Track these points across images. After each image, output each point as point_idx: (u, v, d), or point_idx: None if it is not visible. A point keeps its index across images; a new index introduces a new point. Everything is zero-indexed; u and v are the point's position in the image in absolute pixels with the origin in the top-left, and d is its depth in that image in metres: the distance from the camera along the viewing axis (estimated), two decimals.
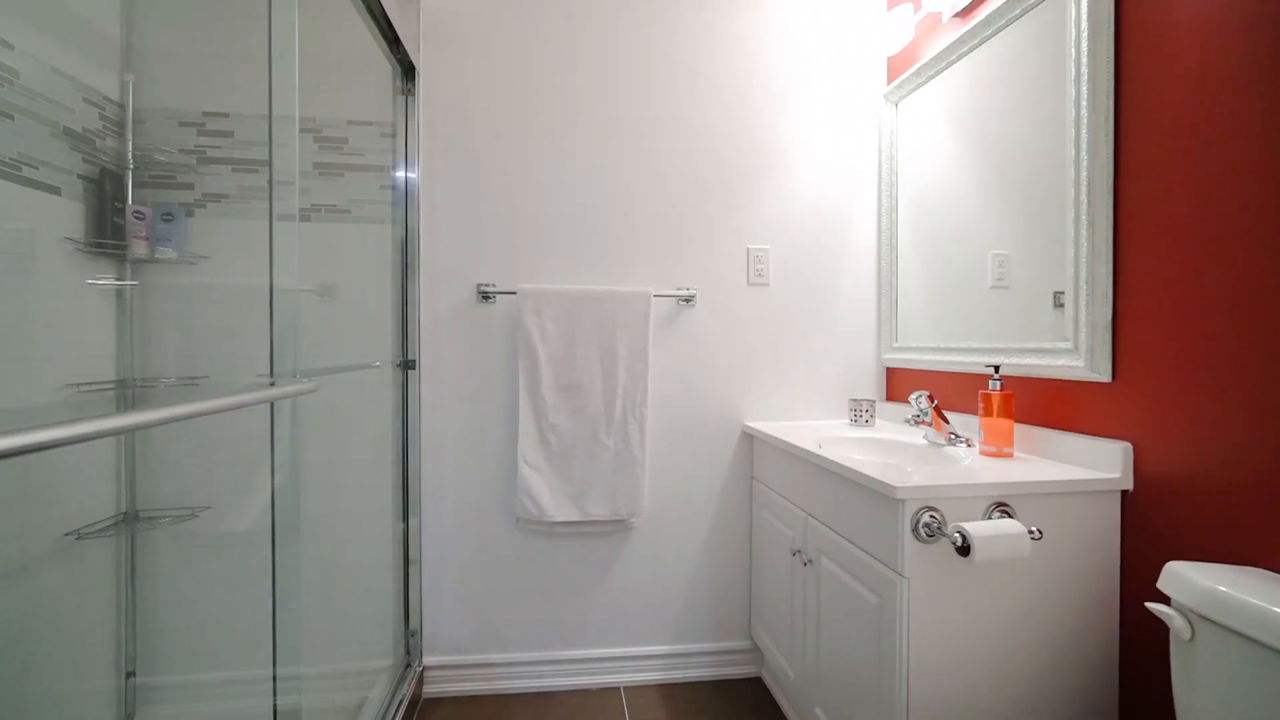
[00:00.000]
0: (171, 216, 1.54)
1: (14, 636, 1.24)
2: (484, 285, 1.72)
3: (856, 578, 1.20)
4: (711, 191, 1.82)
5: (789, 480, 1.54)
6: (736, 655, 1.82)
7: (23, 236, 1.27)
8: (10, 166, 1.23)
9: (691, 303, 1.81)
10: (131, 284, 1.53)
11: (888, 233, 1.83)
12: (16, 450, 0.46)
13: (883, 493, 1.08)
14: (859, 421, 1.73)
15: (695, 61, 1.81)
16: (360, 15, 1.42)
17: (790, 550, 1.49)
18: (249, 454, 1.60)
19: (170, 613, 1.58)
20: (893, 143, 1.81)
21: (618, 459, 1.68)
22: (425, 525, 1.73)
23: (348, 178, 1.69)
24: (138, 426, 0.60)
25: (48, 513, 1.33)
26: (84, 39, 1.43)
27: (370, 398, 1.65)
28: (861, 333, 1.90)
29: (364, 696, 1.47)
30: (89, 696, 1.45)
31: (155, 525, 1.55)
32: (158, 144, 1.57)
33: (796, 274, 1.86)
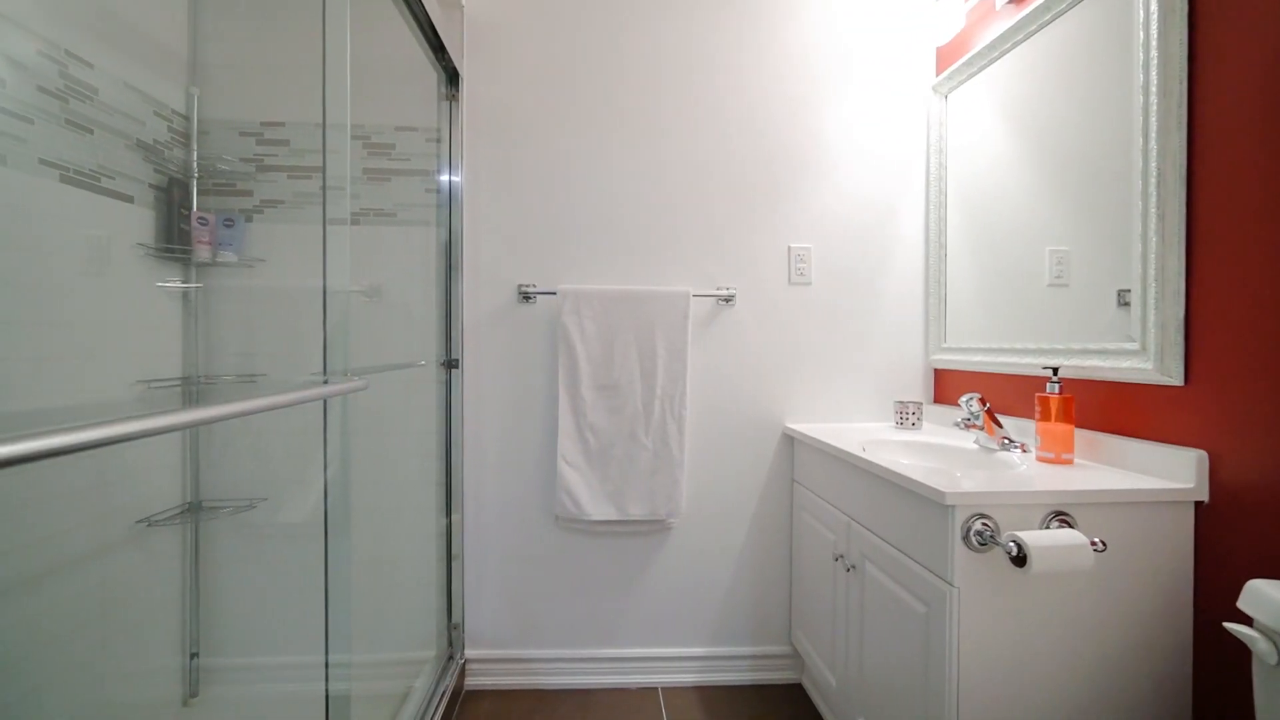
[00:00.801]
0: (232, 222, 1.62)
1: (94, 615, 1.33)
2: (524, 286, 1.74)
3: (903, 585, 1.16)
4: (752, 190, 1.80)
5: (831, 483, 1.50)
6: (776, 660, 1.79)
7: (100, 243, 1.36)
8: (90, 177, 1.32)
9: (731, 302, 1.79)
10: (196, 286, 1.61)
11: (936, 229, 1.77)
12: (98, 443, 0.49)
13: (931, 498, 1.04)
14: (905, 424, 1.68)
15: (738, 58, 1.79)
16: (407, 24, 1.46)
17: (832, 555, 1.46)
18: (302, 449, 1.67)
19: (230, 598, 1.66)
20: (941, 136, 1.75)
21: (656, 459, 1.68)
22: (467, 521, 1.76)
23: (395, 182, 1.74)
24: (204, 421, 0.64)
25: (122, 501, 1.42)
26: (154, 56, 1.52)
27: (415, 396, 1.69)
28: (907, 333, 1.84)
29: (409, 686, 1.51)
30: (158, 674, 1.54)
31: (217, 515, 1.64)
32: (220, 153, 1.65)
33: (839, 273, 1.82)
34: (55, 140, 1.24)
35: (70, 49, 1.27)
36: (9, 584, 1.13)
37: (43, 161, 1.21)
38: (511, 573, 1.77)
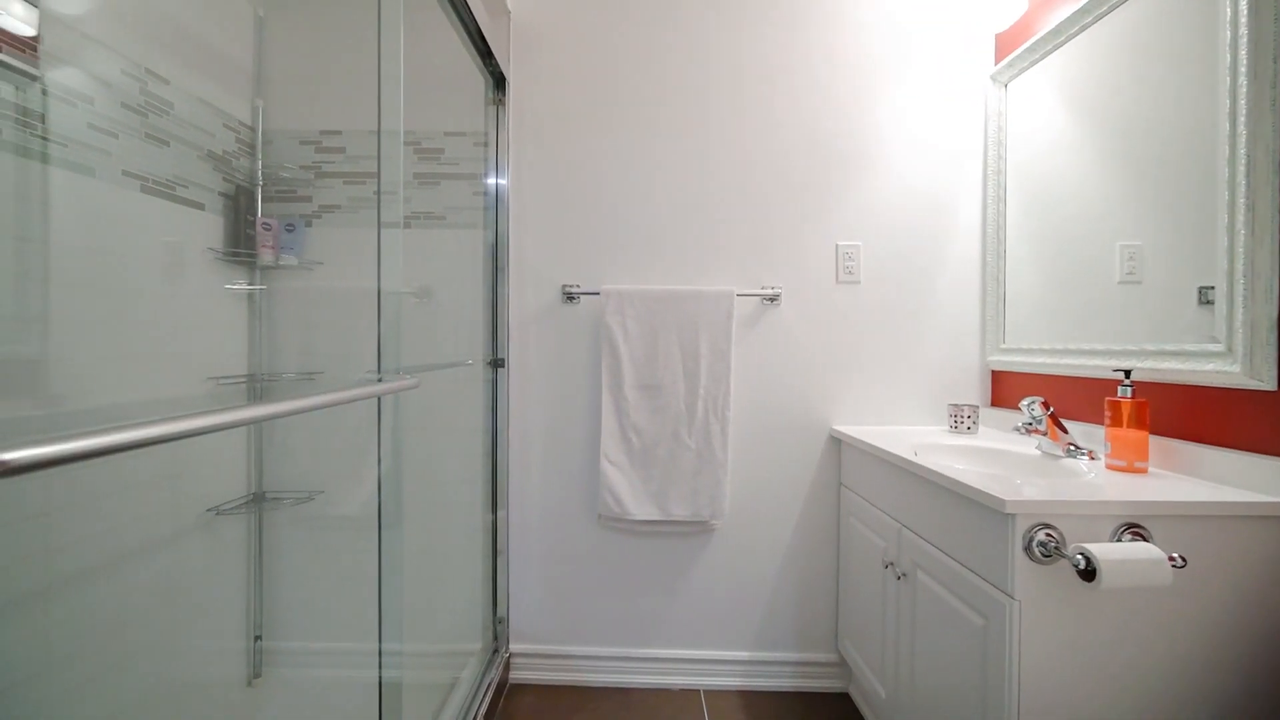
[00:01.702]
0: (293, 227, 1.70)
1: (168, 596, 1.42)
2: (569, 286, 1.76)
3: (958, 596, 1.11)
4: (799, 187, 1.76)
5: (881, 488, 1.46)
6: (822, 668, 1.75)
7: (175, 248, 1.45)
8: (166, 187, 1.41)
9: (776, 302, 1.76)
10: (260, 288, 1.70)
11: (994, 225, 1.69)
12: (174, 436, 0.52)
13: (989, 506, 0.99)
14: (959, 428, 1.61)
15: (787, 53, 1.76)
16: (457, 33, 1.49)
17: (882, 562, 1.42)
18: (357, 444, 1.73)
19: (290, 585, 1.74)
20: (1000, 127, 1.67)
21: (699, 459, 1.67)
22: (512, 517, 1.80)
23: (444, 186, 1.79)
24: (270, 417, 0.67)
25: (193, 490, 1.51)
26: (224, 71, 1.60)
27: (463, 394, 1.73)
28: (963, 333, 1.76)
29: (456, 676, 1.55)
30: (225, 655, 1.63)
31: (278, 506, 1.72)
32: (282, 161, 1.73)
33: (890, 271, 1.76)
34: (136, 153, 1.33)
35: (150, 67, 1.36)
36: (92, 567, 1.22)
37: (125, 173, 1.30)
38: (554, 569, 1.80)
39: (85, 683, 1.19)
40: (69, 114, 1.18)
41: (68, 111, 1.17)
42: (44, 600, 1.12)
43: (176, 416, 0.53)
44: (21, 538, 1.08)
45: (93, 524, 1.22)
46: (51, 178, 1.14)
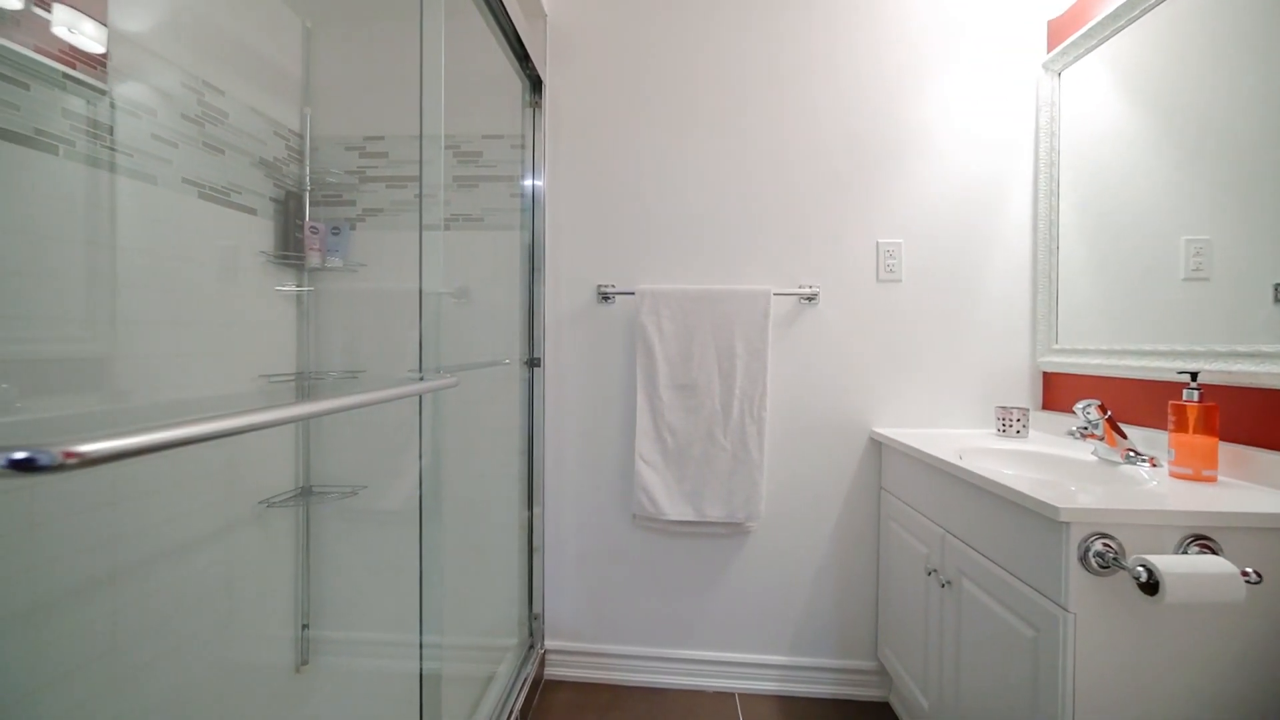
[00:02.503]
0: (339, 230, 1.76)
1: (223, 585, 1.48)
2: (603, 286, 1.76)
3: (1007, 606, 1.07)
4: (838, 184, 1.73)
5: (924, 493, 1.41)
6: (862, 676, 1.71)
7: (229, 252, 1.52)
8: (221, 193, 1.48)
9: (815, 301, 1.73)
10: (308, 290, 1.76)
11: (1046, 220, 1.62)
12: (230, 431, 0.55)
13: (1041, 513, 0.95)
14: (1008, 432, 1.55)
15: (827, 47, 1.72)
16: (495, 37, 1.51)
17: (925, 569, 1.37)
18: (398, 440, 1.78)
19: (335, 576, 1.80)
20: (1053, 118, 1.60)
21: (735, 460, 1.65)
22: (548, 515, 1.82)
23: (482, 188, 1.82)
24: (320, 413, 0.69)
25: (246, 483, 1.58)
26: (274, 80, 1.67)
27: (500, 393, 1.76)
28: (1012, 333, 1.70)
29: (493, 670, 1.58)
30: (275, 642, 1.69)
31: (324, 500, 1.78)
32: (328, 167, 1.79)
33: (933, 269, 1.71)
34: (194, 161, 1.39)
35: (207, 79, 1.43)
36: (155, 555, 1.29)
37: (185, 180, 1.37)
38: (589, 568, 1.81)
39: (150, 663, 1.26)
40: (134, 125, 1.24)
41: (133, 123, 1.24)
42: (111, 585, 1.18)
43: (234, 413, 0.55)
44: (92, 525, 1.15)
45: (155, 513, 1.29)
46: (118, 186, 1.21)
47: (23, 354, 1.02)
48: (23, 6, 1.01)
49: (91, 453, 0.38)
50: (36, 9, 1.04)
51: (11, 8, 0.99)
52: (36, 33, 1.04)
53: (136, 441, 0.41)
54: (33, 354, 1.04)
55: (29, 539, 1.03)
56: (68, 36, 1.09)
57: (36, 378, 1.04)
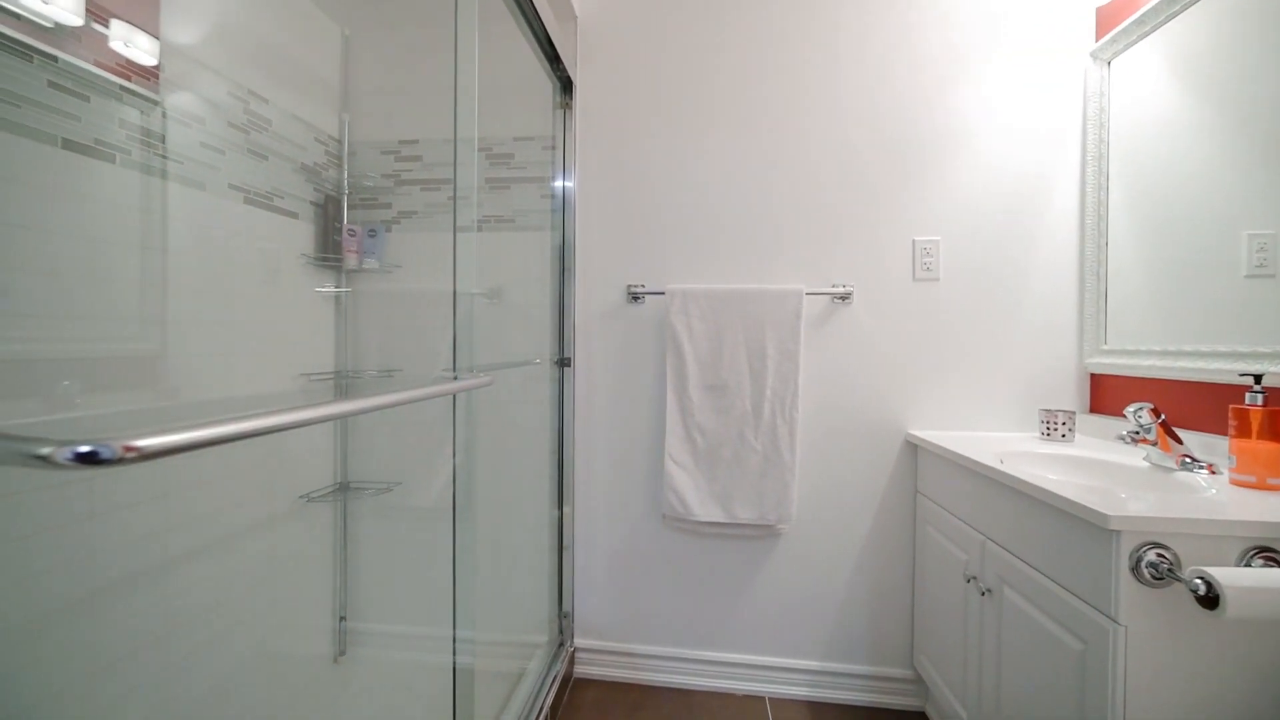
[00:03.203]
0: (375, 232, 1.80)
1: (265, 576, 1.53)
2: (633, 286, 1.76)
3: (1052, 617, 1.03)
4: (872, 181, 1.69)
5: (962, 497, 1.37)
6: (896, 684, 1.67)
7: (272, 254, 1.57)
8: (265, 198, 1.53)
9: (848, 301, 1.69)
10: (346, 290, 1.81)
11: (1094, 215, 1.55)
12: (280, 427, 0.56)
13: (1090, 521, 0.91)
14: (1053, 435, 1.49)
15: (862, 41, 1.69)
16: (527, 40, 1.53)
17: (964, 576, 1.33)
18: (431, 438, 1.81)
19: (371, 570, 1.85)
20: (1102, 108, 1.53)
21: (766, 462, 1.63)
22: (577, 514, 1.83)
23: (513, 189, 1.84)
24: (359, 411, 0.71)
25: (288, 478, 1.63)
26: (314, 87, 1.72)
27: (531, 392, 1.78)
28: (1056, 332, 1.63)
29: (524, 667, 1.60)
30: (314, 632, 1.74)
31: (361, 495, 1.82)
32: (365, 171, 1.84)
33: (972, 267, 1.66)
34: (240, 167, 1.45)
35: (252, 88, 1.48)
36: (200, 546, 1.34)
37: (231, 186, 1.42)
38: (618, 567, 1.81)
39: (198, 649, 1.31)
40: (184, 134, 1.29)
41: (183, 131, 1.29)
42: (163, 574, 1.24)
43: (278, 410, 0.57)
44: (144, 516, 1.20)
45: (203, 505, 1.34)
46: (170, 192, 1.26)
47: (83, 353, 1.08)
48: (83, 23, 1.06)
49: (148, 447, 0.39)
50: (96, 25, 1.09)
51: (73, 24, 1.04)
52: (95, 47, 1.09)
53: (189, 437, 0.43)
54: (91, 353, 1.09)
55: (88, 529, 1.08)
56: (124, 50, 1.14)
57: (95, 375, 1.10)
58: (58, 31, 1.02)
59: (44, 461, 0.35)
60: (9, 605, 0.96)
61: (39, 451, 0.35)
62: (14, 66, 0.96)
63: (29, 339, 0.99)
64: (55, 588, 1.02)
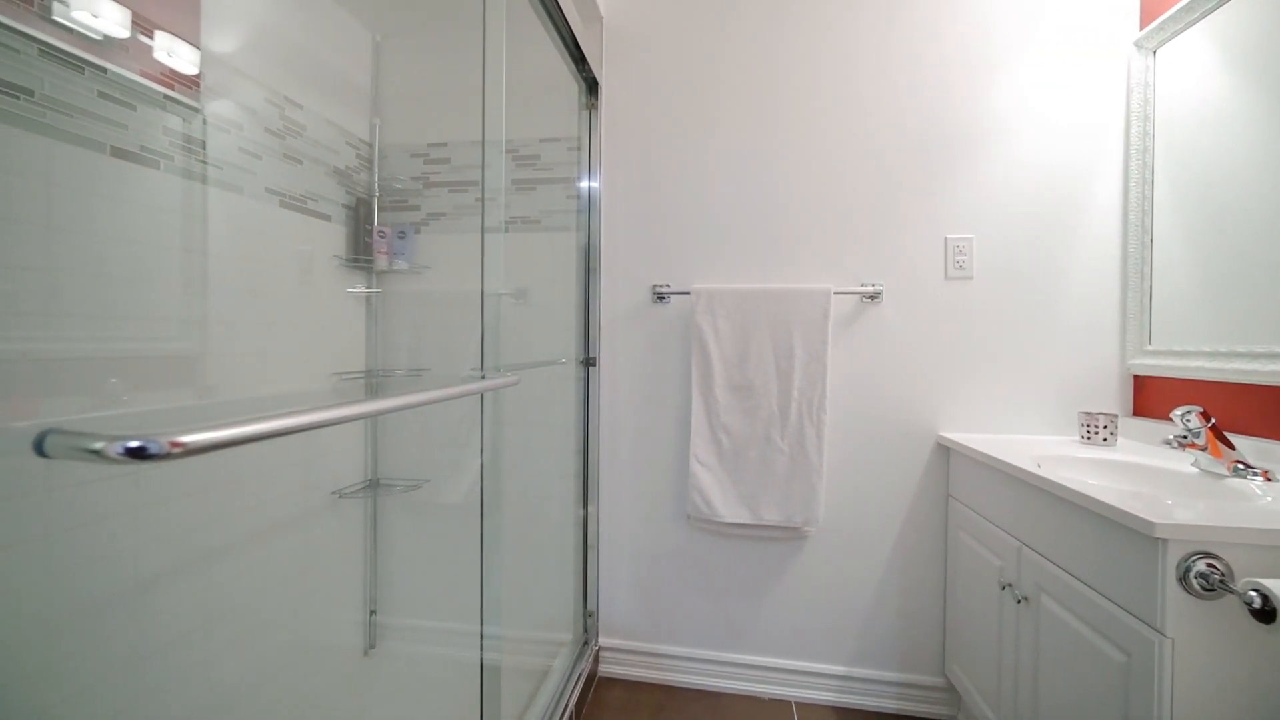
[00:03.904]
0: (405, 234, 1.83)
1: (299, 570, 1.57)
2: (659, 286, 1.76)
3: (1092, 627, 0.99)
4: (902, 178, 1.65)
5: (997, 502, 1.33)
6: (927, 692, 1.64)
7: (306, 256, 1.61)
8: (299, 201, 1.56)
9: (877, 300, 1.66)
10: (376, 291, 1.85)
11: (1139, 210, 1.50)
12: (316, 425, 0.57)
13: (1133, 528, 0.88)
14: (1093, 439, 1.44)
15: (892, 35, 1.66)
16: (553, 41, 1.54)
17: (999, 583, 1.30)
18: (458, 437, 1.84)
19: (400, 566, 1.88)
20: (1147, 99, 1.47)
21: (792, 463, 1.61)
22: (602, 513, 1.83)
23: (539, 190, 1.86)
24: (394, 409, 0.72)
25: (320, 475, 1.67)
26: (346, 93, 1.76)
27: (556, 392, 1.79)
28: (1097, 332, 1.58)
29: (549, 664, 1.61)
30: (345, 625, 1.78)
31: (390, 492, 1.86)
32: (395, 174, 1.87)
33: (1007, 265, 1.61)
34: (276, 171, 1.49)
35: (287, 94, 1.52)
36: (238, 540, 1.38)
37: (268, 190, 1.46)
38: (643, 567, 1.81)
39: (237, 639, 1.35)
40: (223, 140, 1.33)
41: (222, 138, 1.33)
42: (204, 565, 1.28)
43: (314, 408, 0.58)
44: (187, 510, 1.24)
45: (240, 500, 1.39)
46: (209, 196, 1.30)
47: (128, 351, 1.12)
48: (129, 35, 1.10)
49: (193, 443, 0.40)
50: (141, 37, 1.13)
51: (120, 37, 1.09)
52: (141, 58, 1.13)
53: (232, 434, 0.44)
54: (135, 351, 1.13)
55: (134, 522, 1.13)
56: (167, 60, 1.19)
57: (139, 373, 1.14)
58: (106, 43, 1.06)
59: (97, 455, 0.37)
60: (60, 594, 1.00)
61: (92, 446, 0.37)
62: (67, 78, 1.00)
63: (79, 338, 1.03)
64: (102, 578, 1.07)
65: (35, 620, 0.96)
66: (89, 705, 1.03)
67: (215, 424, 0.44)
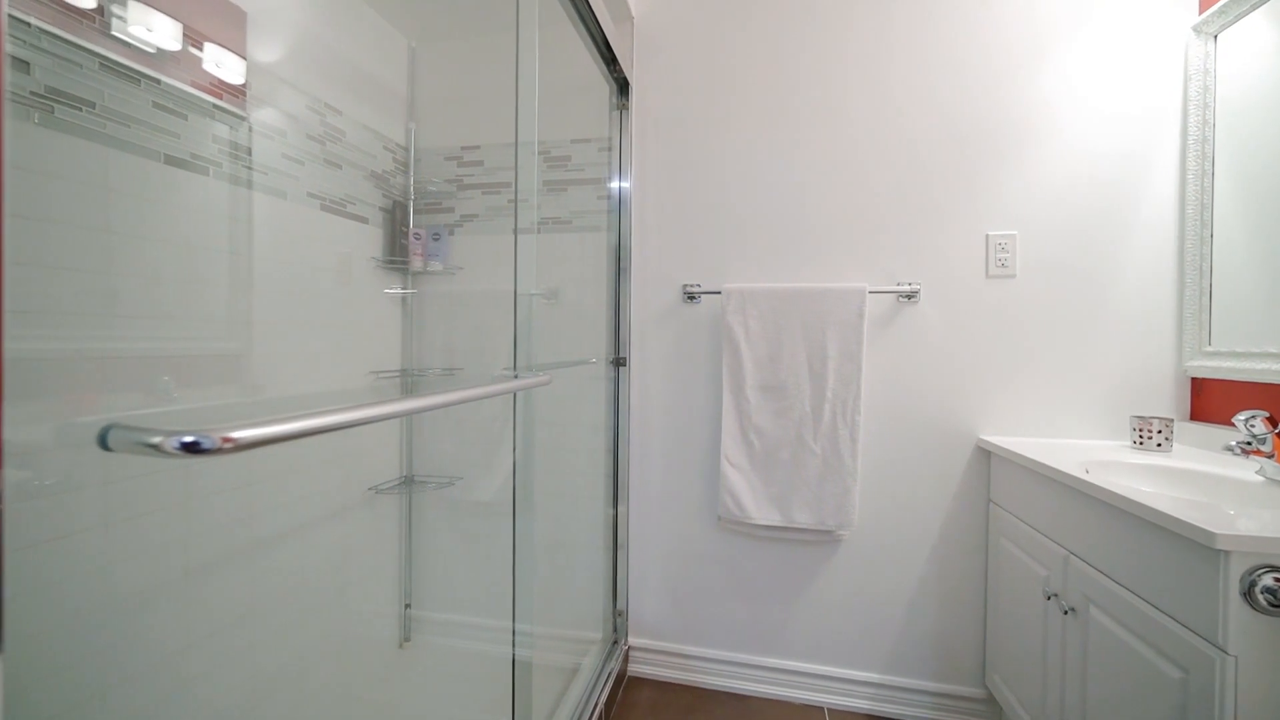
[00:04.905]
0: (439, 236, 1.86)
1: (337, 563, 1.62)
2: (689, 286, 1.75)
3: (1146, 641, 0.95)
4: (941, 174, 1.61)
5: (1042, 508, 1.28)
6: (967, 703, 1.59)
7: (345, 258, 1.65)
8: (339, 204, 1.61)
9: (914, 299, 1.62)
10: (411, 292, 1.89)
11: (1196, 204, 1.42)
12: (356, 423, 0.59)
13: (1192, 539, 0.83)
14: (1146, 444, 1.37)
15: (930, 26, 1.61)
16: (584, 43, 1.55)
17: (1044, 593, 1.25)
18: (490, 435, 1.86)
19: (434, 560, 1.91)
20: (1206, 86, 1.40)
21: (825, 465, 1.58)
22: (632, 513, 1.83)
23: (570, 191, 1.87)
24: (431, 407, 0.73)
25: (358, 471, 1.71)
26: (383, 99, 1.80)
27: (586, 391, 1.80)
28: (1150, 332, 1.50)
29: (578, 662, 1.61)
30: (381, 618, 1.83)
31: (424, 489, 1.90)
32: (430, 177, 1.91)
33: (1053, 262, 1.55)
34: (317, 176, 1.53)
35: (328, 101, 1.56)
36: (280, 532, 1.42)
37: (309, 194, 1.51)
38: (673, 567, 1.80)
39: (279, 629, 1.40)
40: (268, 146, 1.38)
41: (267, 144, 1.38)
42: (248, 557, 1.32)
43: (357, 405, 0.59)
44: (232, 503, 1.29)
45: (282, 495, 1.43)
46: (255, 201, 1.35)
47: (179, 350, 1.17)
48: (181, 48, 1.15)
49: (244, 439, 0.42)
50: (191, 49, 1.18)
51: (172, 50, 1.13)
52: (191, 69, 1.18)
53: (279, 430, 0.45)
54: (185, 350, 1.18)
55: (184, 514, 1.17)
56: (215, 71, 1.23)
57: (189, 371, 1.19)
58: (159, 56, 1.11)
59: (155, 449, 0.38)
60: (123, 578, 1.05)
61: (150, 440, 0.38)
62: (125, 89, 1.05)
63: (134, 337, 1.08)
64: (154, 567, 1.12)
65: (96, 605, 1.00)
66: (143, 687, 1.08)
67: (263, 420, 0.45)
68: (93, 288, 1.01)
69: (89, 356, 0.99)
